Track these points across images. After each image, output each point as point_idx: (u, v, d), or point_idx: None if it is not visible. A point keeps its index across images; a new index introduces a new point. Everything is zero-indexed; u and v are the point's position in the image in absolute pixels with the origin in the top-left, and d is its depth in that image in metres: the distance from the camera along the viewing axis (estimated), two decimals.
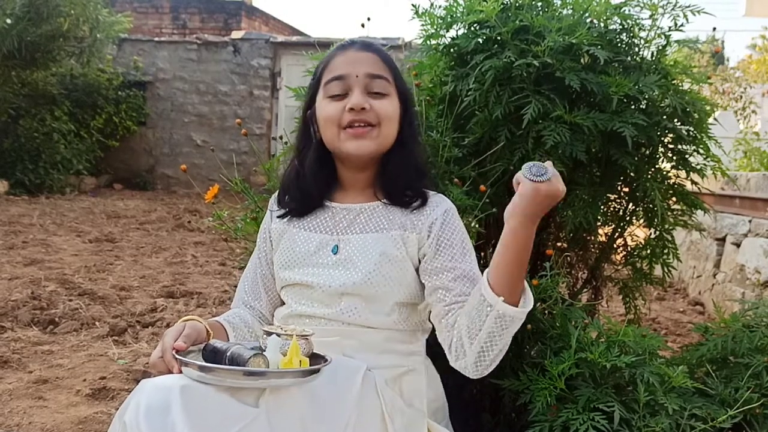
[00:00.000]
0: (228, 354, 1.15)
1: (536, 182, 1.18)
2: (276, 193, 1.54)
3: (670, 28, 1.76)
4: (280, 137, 2.15)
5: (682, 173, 1.89)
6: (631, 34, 1.80)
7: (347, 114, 1.36)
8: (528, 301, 1.25)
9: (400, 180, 1.41)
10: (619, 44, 1.80)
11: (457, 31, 1.84)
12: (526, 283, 1.26)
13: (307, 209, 1.45)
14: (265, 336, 1.22)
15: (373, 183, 1.44)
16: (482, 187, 1.66)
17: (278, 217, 1.48)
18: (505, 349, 1.27)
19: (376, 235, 1.38)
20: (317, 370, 1.17)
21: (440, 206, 1.41)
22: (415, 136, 1.47)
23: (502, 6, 1.72)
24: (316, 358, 1.22)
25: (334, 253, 1.38)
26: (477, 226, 1.83)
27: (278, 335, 1.20)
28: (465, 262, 1.35)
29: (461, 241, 1.38)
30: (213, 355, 1.17)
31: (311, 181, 1.43)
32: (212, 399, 1.10)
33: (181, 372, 1.14)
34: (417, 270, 1.39)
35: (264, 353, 1.16)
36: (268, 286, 1.50)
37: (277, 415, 1.15)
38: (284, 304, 1.47)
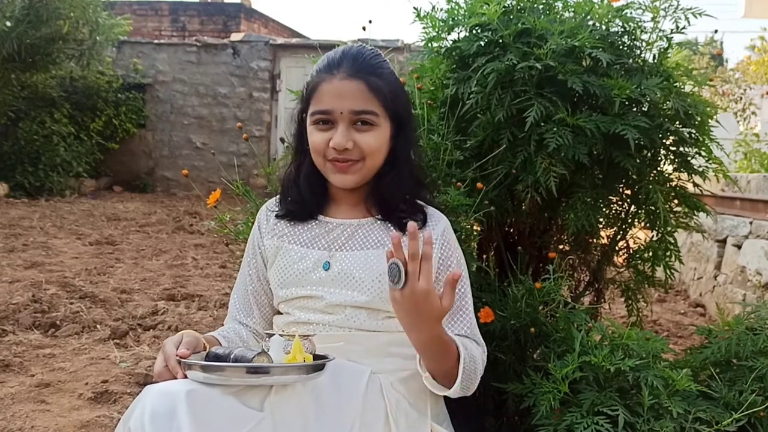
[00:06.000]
0: (232, 356, 1.16)
1: (393, 290, 1.14)
2: (265, 206, 1.53)
3: (671, 30, 1.76)
4: (282, 140, 2.15)
5: (684, 175, 1.89)
6: (633, 37, 1.80)
7: (330, 150, 1.35)
8: (454, 389, 1.27)
9: (392, 199, 1.41)
10: (621, 47, 1.80)
11: (458, 33, 1.84)
12: (460, 371, 1.26)
13: (305, 214, 1.45)
14: (267, 339, 1.22)
15: (365, 199, 1.44)
16: (479, 185, 1.65)
17: (277, 216, 1.47)
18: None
19: (376, 251, 1.37)
20: (321, 366, 1.17)
21: (438, 226, 1.41)
22: (410, 153, 1.44)
23: (503, 9, 1.72)
24: (318, 358, 1.22)
25: (326, 270, 1.37)
26: (476, 227, 1.83)
27: (280, 335, 1.20)
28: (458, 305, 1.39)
29: (457, 265, 1.41)
30: (216, 361, 1.17)
31: (306, 189, 1.44)
32: (217, 403, 1.10)
33: (186, 377, 1.15)
34: None
35: (267, 353, 1.16)
36: (260, 302, 1.49)
37: (282, 417, 1.15)
38: (281, 313, 1.46)
